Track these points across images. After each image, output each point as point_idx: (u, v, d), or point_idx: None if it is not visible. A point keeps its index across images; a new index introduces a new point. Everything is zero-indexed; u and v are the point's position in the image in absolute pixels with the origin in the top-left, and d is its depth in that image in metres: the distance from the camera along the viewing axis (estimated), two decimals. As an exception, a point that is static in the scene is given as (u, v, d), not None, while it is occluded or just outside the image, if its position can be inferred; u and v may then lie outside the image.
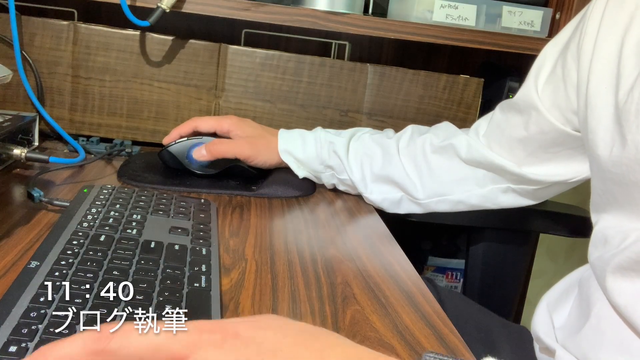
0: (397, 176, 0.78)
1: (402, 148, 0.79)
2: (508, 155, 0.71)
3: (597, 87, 0.56)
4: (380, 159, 0.79)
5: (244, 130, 0.81)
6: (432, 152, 0.77)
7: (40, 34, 0.88)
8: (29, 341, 0.38)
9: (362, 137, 0.81)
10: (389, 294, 0.56)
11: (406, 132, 0.81)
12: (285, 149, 0.81)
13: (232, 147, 0.79)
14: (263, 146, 0.81)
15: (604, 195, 0.57)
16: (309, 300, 0.52)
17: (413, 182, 0.77)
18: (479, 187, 0.75)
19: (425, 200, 0.77)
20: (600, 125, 0.55)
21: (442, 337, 0.49)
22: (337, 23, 0.90)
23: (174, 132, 0.81)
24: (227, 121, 0.81)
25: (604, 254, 0.54)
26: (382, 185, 0.79)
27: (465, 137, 0.75)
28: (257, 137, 0.81)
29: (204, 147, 0.78)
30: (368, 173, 0.79)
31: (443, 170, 0.76)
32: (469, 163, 0.75)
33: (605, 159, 0.54)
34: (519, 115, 0.69)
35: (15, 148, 0.73)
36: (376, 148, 0.80)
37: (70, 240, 0.52)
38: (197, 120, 0.82)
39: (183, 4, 0.86)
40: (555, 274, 1.35)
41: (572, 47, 0.62)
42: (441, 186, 0.76)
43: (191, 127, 0.81)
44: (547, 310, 0.64)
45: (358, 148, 0.80)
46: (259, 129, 0.83)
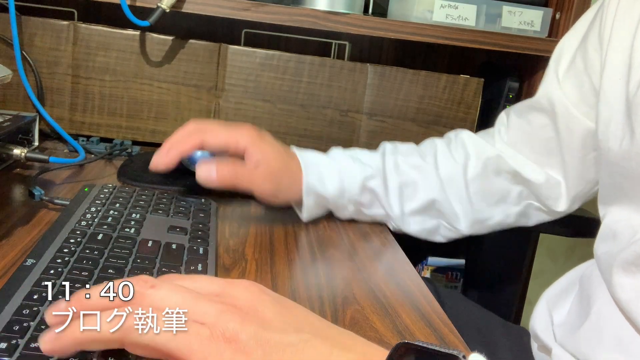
0: (440, 207, 0.71)
1: (443, 175, 0.71)
2: (545, 160, 0.68)
3: (611, 78, 0.55)
4: (421, 190, 0.71)
5: (264, 151, 0.65)
6: (472, 179, 0.71)
7: (40, 34, 0.88)
8: (19, 338, 0.38)
9: (397, 164, 0.71)
10: (389, 294, 0.56)
11: (440, 151, 0.73)
12: (310, 188, 0.67)
13: (251, 180, 0.64)
14: (286, 183, 0.67)
15: (612, 189, 0.57)
16: (309, 300, 0.52)
17: (456, 214, 0.71)
18: (515, 205, 0.72)
19: (466, 230, 0.73)
20: (612, 118, 0.54)
21: (442, 337, 0.49)
22: (337, 23, 0.90)
23: (174, 151, 0.63)
24: (245, 138, 0.64)
25: (612, 248, 0.54)
26: (421, 216, 0.72)
27: (498, 151, 0.71)
28: (280, 170, 0.66)
29: (214, 167, 0.62)
30: (408, 207, 0.71)
31: (484, 195, 0.71)
32: (505, 179, 0.71)
33: (615, 152, 0.53)
34: (543, 115, 0.67)
35: (15, 148, 0.73)
36: (415, 175, 0.71)
37: (68, 238, 0.52)
38: (204, 133, 0.64)
39: (183, 4, 0.86)
40: (555, 274, 1.35)
41: (591, 38, 0.61)
42: (482, 213, 0.72)
43: (196, 143, 0.64)
44: (546, 308, 0.64)
45: (396, 179, 0.70)
46: (280, 151, 0.67)
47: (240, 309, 0.35)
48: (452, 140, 0.75)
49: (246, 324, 0.34)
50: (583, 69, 0.62)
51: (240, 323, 0.34)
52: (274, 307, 0.36)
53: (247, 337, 0.33)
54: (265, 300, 0.36)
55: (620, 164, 0.53)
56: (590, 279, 0.58)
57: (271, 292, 0.38)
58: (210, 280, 0.38)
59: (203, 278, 0.38)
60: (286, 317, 0.36)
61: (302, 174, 0.67)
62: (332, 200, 0.69)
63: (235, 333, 0.33)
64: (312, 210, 0.69)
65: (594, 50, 0.61)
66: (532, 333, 0.64)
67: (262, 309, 0.35)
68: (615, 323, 0.53)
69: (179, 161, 0.78)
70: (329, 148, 0.95)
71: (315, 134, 0.95)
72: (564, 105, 0.64)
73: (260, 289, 0.37)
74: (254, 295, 0.36)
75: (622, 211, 0.55)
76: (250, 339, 0.33)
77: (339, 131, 0.96)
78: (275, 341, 0.34)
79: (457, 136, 0.75)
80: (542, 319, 0.63)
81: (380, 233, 0.72)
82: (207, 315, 0.34)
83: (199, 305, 0.34)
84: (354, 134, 0.96)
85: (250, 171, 0.64)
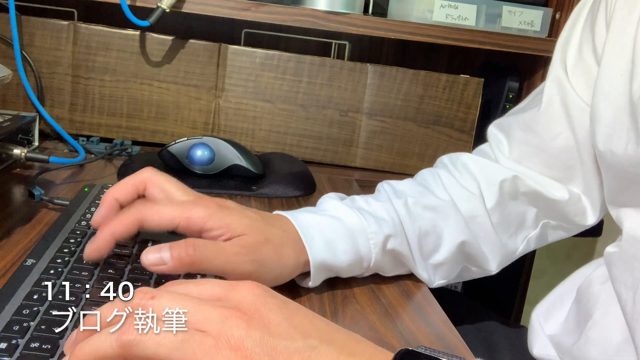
0: (468, 250, 0.60)
1: (464, 211, 0.60)
2: (561, 173, 0.63)
3: (611, 74, 0.51)
4: (446, 236, 0.58)
5: (228, 222, 0.48)
6: (492, 209, 0.61)
7: (40, 34, 0.88)
8: (19, 338, 0.38)
9: (409, 208, 0.57)
10: (389, 294, 0.55)
11: (448, 183, 0.62)
12: (319, 262, 0.51)
13: (220, 258, 0.46)
14: (271, 258, 0.49)
15: (622, 192, 0.54)
16: (309, 300, 0.52)
17: (484, 254, 0.61)
18: (533, 229, 0.65)
19: (495, 270, 0.63)
20: (616, 119, 0.51)
21: (442, 337, 0.49)
22: (337, 23, 0.90)
23: (106, 234, 0.46)
24: (199, 211, 0.47)
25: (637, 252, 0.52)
26: (446, 265, 0.60)
27: (511, 171, 0.63)
28: (258, 242, 0.48)
29: (166, 252, 0.44)
30: (434, 259, 0.59)
31: (505, 225, 0.63)
32: (522, 202, 0.63)
33: (620, 156, 0.50)
34: (556, 123, 0.61)
35: (15, 148, 0.73)
36: (434, 218, 0.58)
37: (68, 238, 0.52)
38: (144, 209, 0.46)
39: (183, 4, 0.86)
40: (555, 274, 1.35)
41: (599, 24, 0.56)
42: (507, 247, 0.63)
43: (132, 225, 0.46)
44: (538, 323, 0.63)
45: (412, 228, 0.57)
46: (251, 217, 0.50)
47: (244, 313, 0.34)
48: (450, 166, 0.65)
49: (251, 330, 0.33)
50: (594, 62, 0.57)
51: (245, 329, 0.33)
52: (279, 310, 0.35)
53: (253, 343, 0.33)
54: (270, 303, 0.35)
55: (628, 170, 0.50)
56: (588, 291, 0.57)
57: (276, 294, 0.37)
58: (213, 283, 0.37)
59: (206, 281, 0.37)
60: (292, 321, 0.35)
61: (304, 245, 0.51)
62: (347, 270, 0.54)
63: (241, 340, 0.33)
64: (320, 280, 0.54)
65: (599, 36, 0.56)
66: (530, 352, 0.63)
67: (267, 313, 0.34)
68: (613, 334, 0.52)
69: (179, 161, 0.79)
70: (329, 148, 0.96)
71: (315, 134, 0.95)
72: (579, 107, 0.58)
73: (264, 291, 0.36)
74: (259, 298, 0.35)
75: (638, 214, 0.53)
76: (255, 345, 0.33)
77: (339, 131, 0.96)
78: (282, 347, 0.33)
79: (456, 161, 0.65)
80: (538, 336, 0.62)
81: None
82: (211, 322, 0.33)
83: (202, 312, 0.34)
84: (354, 134, 0.96)
85: (219, 246, 0.46)
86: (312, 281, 0.52)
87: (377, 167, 0.97)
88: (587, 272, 0.61)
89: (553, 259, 1.50)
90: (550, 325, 0.62)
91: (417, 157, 0.97)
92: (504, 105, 1.01)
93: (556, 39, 0.64)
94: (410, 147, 0.97)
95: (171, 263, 0.43)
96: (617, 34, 0.52)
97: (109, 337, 0.32)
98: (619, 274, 0.55)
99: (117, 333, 0.32)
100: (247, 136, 0.94)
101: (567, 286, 0.64)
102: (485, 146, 0.68)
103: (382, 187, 0.61)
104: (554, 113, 0.61)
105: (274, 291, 0.37)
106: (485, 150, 0.68)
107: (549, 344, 0.60)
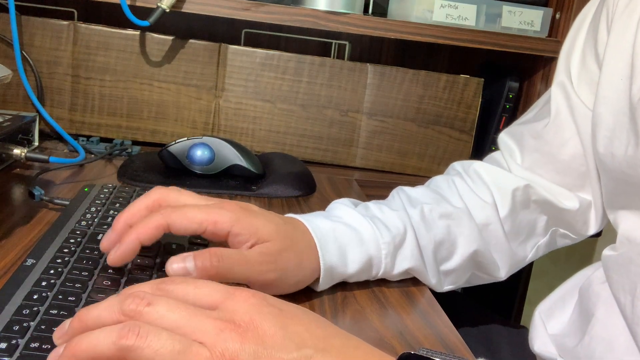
0: (480, 259, 0.61)
1: (479, 221, 0.61)
2: (572, 181, 0.63)
3: (611, 78, 0.52)
4: (460, 245, 0.59)
5: (255, 228, 0.47)
6: (505, 218, 0.62)
7: (40, 34, 0.88)
8: (19, 338, 0.38)
9: (424, 215, 0.58)
10: (389, 294, 0.55)
11: (463, 190, 0.63)
12: (329, 269, 0.51)
13: (248, 267, 0.46)
14: (293, 266, 0.49)
15: (619, 195, 0.55)
16: (309, 300, 0.52)
17: (495, 262, 0.63)
18: (543, 236, 0.66)
19: (504, 277, 0.65)
20: (616, 122, 0.51)
21: (442, 337, 0.49)
22: (337, 23, 0.90)
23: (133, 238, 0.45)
24: (225, 216, 0.46)
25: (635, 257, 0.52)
26: (456, 272, 0.61)
27: (523, 180, 0.63)
28: (284, 249, 0.48)
29: (191, 260, 0.43)
30: (445, 267, 0.60)
31: (516, 233, 0.64)
32: (533, 211, 0.64)
33: (619, 159, 0.51)
34: (564, 129, 0.61)
35: (15, 148, 0.73)
36: (449, 226, 0.59)
37: (68, 238, 0.52)
38: (170, 213, 0.46)
39: (183, 4, 0.86)
40: (555, 275, 1.35)
41: (601, 31, 0.56)
42: (517, 254, 0.65)
43: (159, 229, 0.45)
44: (541, 322, 0.63)
45: (428, 238, 0.57)
46: (277, 222, 0.50)
47: (239, 325, 0.34)
48: (464, 174, 0.65)
49: (246, 343, 0.33)
50: (596, 67, 0.57)
51: (240, 342, 0.33)
52: (275, 319, 0.35)
53: (247, 356, 0.33)
54: (265, 313, 0.35)
55: (625, 172, 0.50)
56: (589, 291, 0.57)
57: (273, 301, 0.36)
58: (211, 288, 0.36)
59: (204, 285, 0.37)
60: (288, 330, 0.35)
61: (318, 251, 0.50)
62: (355, 277, 0.54)
63: (235, 353, 0.32)
64: (328, 285, 0.53)
65: (601, 41, 0.57)
66: (531, 348, 0.63)
67: (262, 323, 0.34)
68: (616, 334, 0.52)
69: (179, 161, 0.79)
70: (329, 148, 0.96)
71: (315, 134, 0.95)
72: (583, 114, 0.58)
73: (260, 300, 0.36)
74: (254, 308, 0.35)
75: (635, 217, 0.53)
76: (250, 358, 0.33)
77: (339, 131, 0.96)
78: (276, 359, 0.33)
79: (468, 168, 0.66)
80: (540, 333, 0.62)
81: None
82: (206, 334, 0.33)
83: (197, 323, 0.33)
84: (354, 133, 0.96)
85: (243, 255, 0.46)
86: (320, 286, 0.52)
87: (377, 167, 0.97)
88: (588, 273, 0.61)
89: (553, 260, 1.50)
90: (552, 325, 0.62)
91: (417, 157, 0.97)
92: (504, 105, 1.01)
93: (556, 38, 0.64)
94: (410, 147, 0.97)
95: (195, 273, 0.43)
96: (617, 38, 0.53)
97: (108, 338, 0.32)
98: (616, 277, 0.55)
99: (115, 335, 0.32)
100: (247, 136, 0.94)
101: (570, 287, 0.64)
102: (497, 154, 0.69)
103: (397, 193, 0.62)
104: (562, 120, 0.61)
105: (271, 298, 0.37)
106: (497, 158, 0.68)
107: (550, 341, 0.60)
